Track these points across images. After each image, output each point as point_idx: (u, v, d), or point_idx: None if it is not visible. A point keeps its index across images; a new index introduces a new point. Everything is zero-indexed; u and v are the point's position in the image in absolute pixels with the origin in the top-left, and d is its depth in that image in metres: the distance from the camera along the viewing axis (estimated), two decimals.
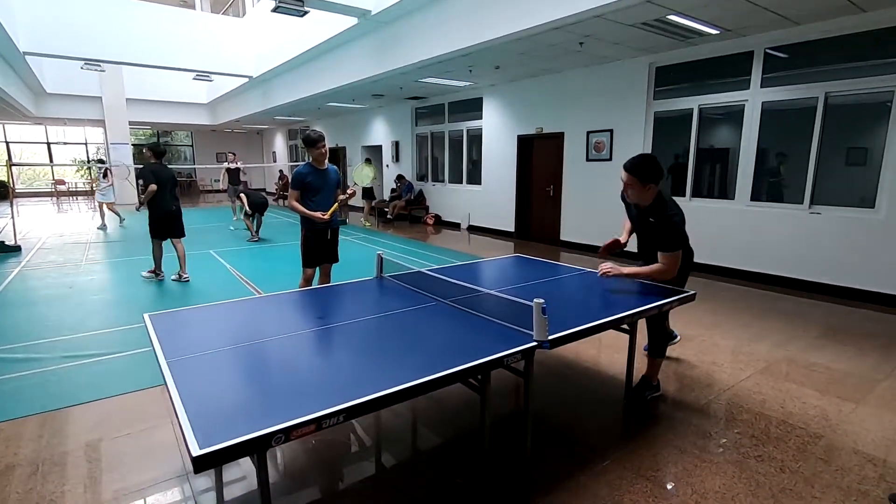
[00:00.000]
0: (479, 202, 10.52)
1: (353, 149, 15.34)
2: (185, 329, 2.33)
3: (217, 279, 6.10)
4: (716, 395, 3.10)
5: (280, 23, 9.43)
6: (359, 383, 1.72)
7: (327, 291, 3.10)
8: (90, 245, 8.70)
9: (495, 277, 3.55)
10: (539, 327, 2.05)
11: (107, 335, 4.15)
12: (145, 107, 17.18)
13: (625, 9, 4.66)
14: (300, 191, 3.98)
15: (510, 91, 9.32)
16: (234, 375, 1.83)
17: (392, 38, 7.24)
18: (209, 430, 1.37)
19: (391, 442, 2.71)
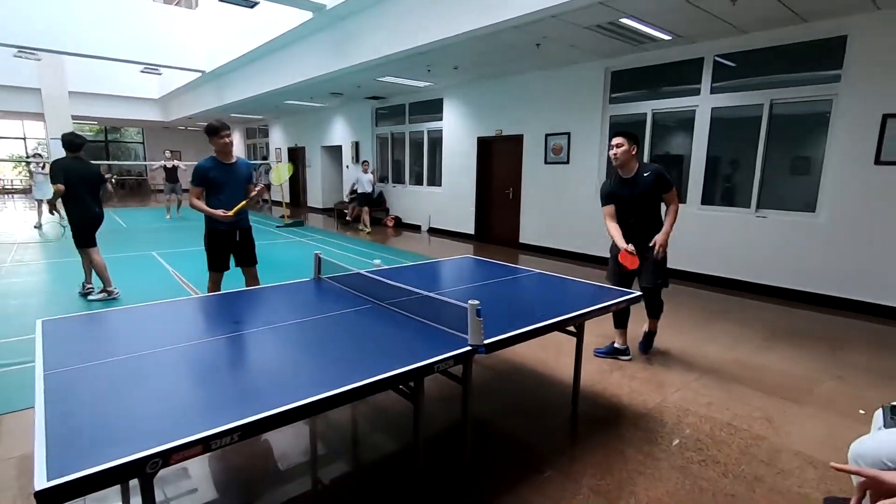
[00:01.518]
0: (439, 204, 10.40)
1: (313, 149, 14.96)
2: (81, 336, 2.08)
3: (155, 283, 5.71)
4: (664, 398, 3.06)
5: (233, 15, 9.08)
6: (269, 395, 1.53)
7: (255, 294, 2.87)
8: (19, 245, 8.06)
9: (443, 279, 3.41)
10: (474, 331, 1.92)
11: (19, 343, 3.76)
12: (90, 100, 16.24)
13: (579, 10, 4.64)
14: (203, 188, 3.60)
15: (470, 92, 9.26)
16: (127, 390, 1.60)
17: (348, 34, 7.04)
18: (72, 457, 1.16)
19: (328, 455, 2.52)
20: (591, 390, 3.15)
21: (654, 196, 3.37)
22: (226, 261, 3.77)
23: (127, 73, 14.25)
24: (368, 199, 10.76)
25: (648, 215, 3.42)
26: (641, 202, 3.37)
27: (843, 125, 5.01)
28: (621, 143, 3.28)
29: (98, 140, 22.19)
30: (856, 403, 3.04)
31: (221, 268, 3.77)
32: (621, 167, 3.36)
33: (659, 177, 3.31)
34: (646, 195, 3.34)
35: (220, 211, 3.59)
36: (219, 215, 3.57)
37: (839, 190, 5.10)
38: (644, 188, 3.32)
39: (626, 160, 3.32)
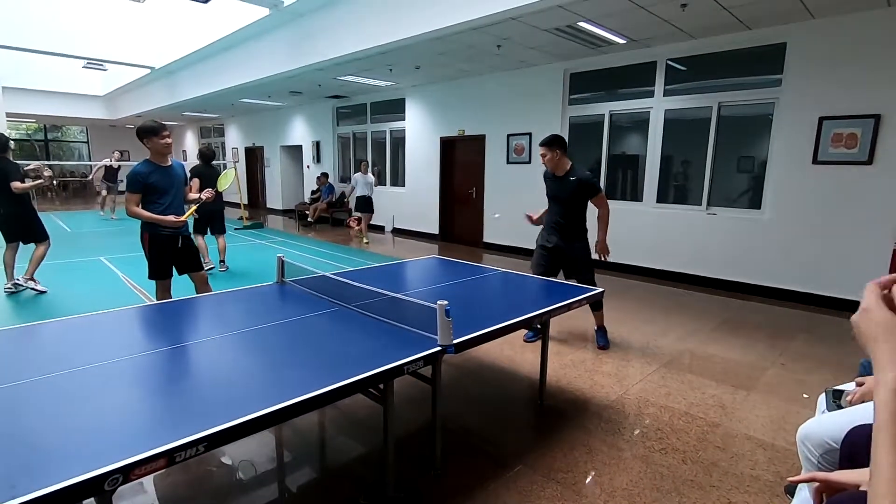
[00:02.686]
0: (403, 204, 10.36)
1: (272, 149, 14.59)
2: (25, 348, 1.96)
3: (105, 290, 5.43)
4: (625, 391, 3.17)
5: (185, 10, 8.71)
6: (233, 403, 1.49)
7: (215, 300, 2.79)
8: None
9: (409, 280, 3.41)
10: (443, 331, 1.93)
11: None
12: (26, 97, 15.20)
13: (538, 13, 4.73)
14: (141, 194, 3.36)
15: (432, 92, 9.27)
16: (80, 404, 1.52)
17: (307, 32, 6.90)
18: (22, 478, 1.09)
19: (298, 459, 2.47)
20: (557, 385, 3.23)
21: (578, 199, 3.71)
22: (170, 268, 3.59)
23: (68, 67, 13.45)
24: (368, 204, 9.31)
25: (573, 215, 3.75)
26: (566, 201, 3.72)
27: (784, 127, 5.33)
28: (544, 153, 3.65)
29: (37, 139, 20.85)
30: (799, 388, 3.24)
31: (166, 275, 3.59)
32: (553, 169, 3.73)
33: (581, 183, 3.64)
34: (569, 197, 3.69)
35: (170, 217, 3.39)
36: (170, 221, 3.38)
37: (781, 188, 5.42)
38: (568, 190, 3.67)
39: (554, 164, 3.69)
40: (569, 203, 3.71)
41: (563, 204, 3.73)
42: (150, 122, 3.38)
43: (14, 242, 5.00)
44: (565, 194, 3.69)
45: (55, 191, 19.54)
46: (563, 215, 3.75)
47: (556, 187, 3.74)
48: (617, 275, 6.55)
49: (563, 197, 3.71)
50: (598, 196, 3.70)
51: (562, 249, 3.76)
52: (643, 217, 6.57)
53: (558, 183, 3.72)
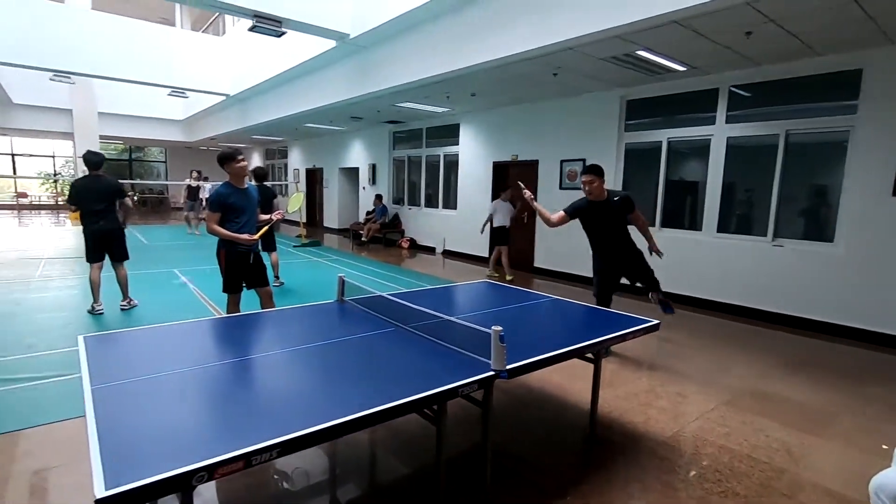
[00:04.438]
0: (454, 227, 10.51)
1: (331, 171, 15.27)
2: (121, 352, 2.18)
3: (178, 301, 5.85)
4: (681, 428, 3.06)
5: (259, 42, 9.42)
6: (302, 414, 1.61)
7: (281, 315, 2.97)
8: (46, 261, 8.31)
9: (461, 303, 3.48)
10: (497, 356, 1.97)
11: (52, 357, 3.89)
12: (117, 121, 16.84)
13: (596, 42, 4.78)
14: (220, 213, 3.64)
15: (487, 118, 9.45)
16: (167, 406, 1.69)
17: (370, 62, 7.29)
18: (124, 467, 1.24)
19: (349, 473, 2.56)
20: (609, 416, 3.16)
21: (621, 216, 4.07)
22: (241, 282, 3.85)
23: (154, 95, 14.79)
24: (506, 235, 7.81)
25: (622, 231, 4.13)
26: (613, 222, 4.06)
27: (861, 157, 5.04)
28: (592, 179, 3.95)
29: (122, 159, 22.88)
30: (877, 438, 3.00)
31: (237, 289, 3.85)
32: (594, 196, 4.01)
33: (623, 200, 4.03)
34: (615, 216, 4.05)
35: (245, 235, 3.67)
36: (244, 239, 3.65)
37: (857, 221, 5.09)
38: (614, 210, 4.03)
39: (599, 191, 4.00)
40: (615, 222, 4.05)
41: (612, 224, 4.06)
42: (228, 149, 3.69)
43: (100, 261, 5.12)
44: (612, 215, 4.03)
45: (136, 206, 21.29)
46: (614, 235, 4.11)
47: (602, 211, 4.03)
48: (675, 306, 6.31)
49: (611, 218, 4.03)
50: (635, 209, 4.09)
51: (622, 264, 4.18)
52: (702, 246, 6.34)
53: (602, 207, 4.02)
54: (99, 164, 5.04)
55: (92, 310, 5.10)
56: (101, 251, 5.10)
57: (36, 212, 19.54)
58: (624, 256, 4.17)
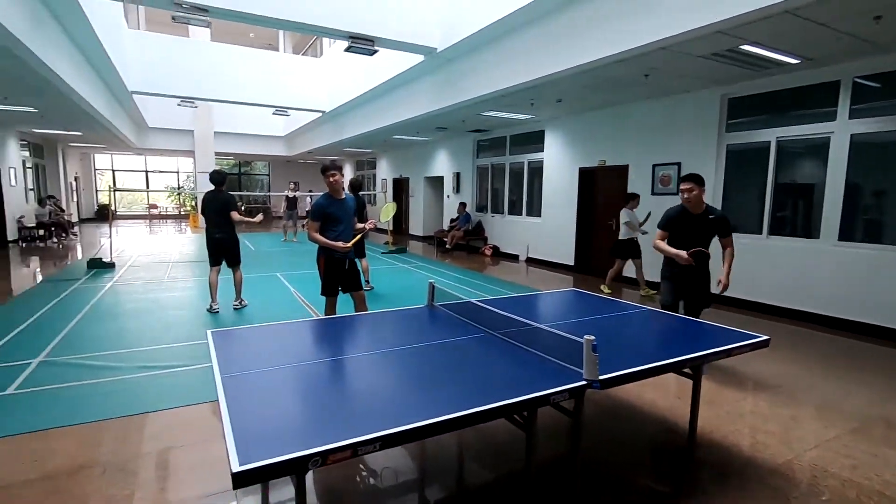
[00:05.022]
0: (538, 234, 10.39)
1: (416, 180, 15.78)
2: (241, 347, 2.44)
3: (280, 301, 6.38)
4: (796, 455, 2.78)
5: (352, 61, 10.05)
6: (400, 411, 1.71)
7: (376, 318, 3.14)
8: (172, 264, 9.45)
9: (549, 311, 3.45)
10: (589, 366, 1.95)
11: (178, 349, 4.43)
12: (230, 139, 18.72)
13: (694, 40, 4.53)
14: (320, 222, 3.93)
15: (572, 123, 9.26)
16: (280, 395, 1.88)
17: (456, 74, 7.48)
18: (251, 447, 1.40)
19: (436, 474, 2.64)
20: (710, 437, 2.96)
21: (711, 235, 3.81)
22: (338, 286, 4.12)
23: (260, 114, 16.29)
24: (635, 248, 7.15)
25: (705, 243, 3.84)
26: (702, 238, 3.78)
27: None
28: (692, 187, 3.71)
29: (233, 173, 25.35)
30: None
31: (334, 292, 4.12)
32: (692, 206, 3.76)
33: (721, 220, 3.77)
34: (706, 234, 3.79)
35: (340, 242, 3.93)
36: (340, 247, 3.92)
37: None
38: (707, 227, 3.76)
39: (697, 201, 3.74)
40: (703, 239, 3.78)
41: (699, 241, 3.76)
42: (326, 162, 4.00)
43: (217, 266, 5.72)
44: (703, 231, 3.77)
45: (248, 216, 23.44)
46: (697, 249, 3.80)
47: (694, 224, 3.78)
48: (785, 321, 5.75)
49: (701, 233, 3.77)
50: (730, 234, 3.80)
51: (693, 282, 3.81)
52: (820, 256, 5.70)
53: (696, 220, 3.77)
54: (219, 182, 5.70)
55: (210, 308, 5.72)
56: (218, 257, 5.72)
57: (163, 221, 22.24)
58: (695, 276, 3.78)
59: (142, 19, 14.95)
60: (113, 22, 8.26)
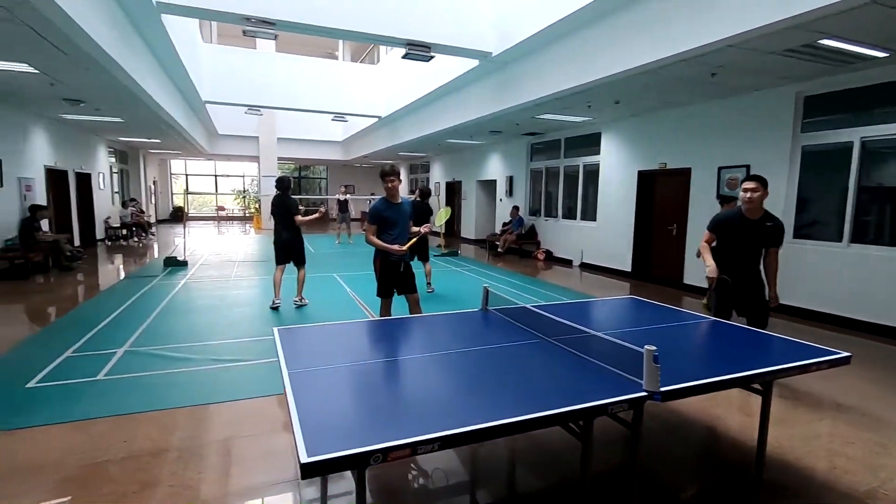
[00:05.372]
0: (593, 239, 10.14)
1: (469, 184, 15.84)
2: (304, 344, 2.57)
3: (337, 301, 6.60)
4: (881, 483, 2.56)
5: (408, 67, 10.25)
6: (456, 414, 1.74)
7: (432, 320, 3.19)
8: (238, 263, 10.01)
9: (606, 319, 3.37)
10: (650, 377, 1.89)
11: (244, 344, 4.69)
12: (291, 145, 19.59)
13: (767, 36, 4.28)
14: (377, 225, 4.03)
15: (631, 125, 8.99)
16: (342, 392, 1.96)
17: (511, 77, 7.46)
18: (317, 440, 1.47)
19: (487, 478, 2.65)
20: (780, 458, 2.78)
21: (764, 244, 3.58)
22: (393, 288, 4.20)
23: (320, 121, 16.95)
24: None
25: (755, 258, 3.63)
26: (755, 246, 3.58)
27: None
28: (757, 187, 3.46)
29: (293, 176, 26.49)
30: None
31: (390, 294, 4.21)
32: (751, 209, 3.51)
33: (778, 229, 3.53)
34: (759, 241, 3.56)
35: (395, 245, 4.02)
36: (395, 250, 4.00)
37: None
38: (762, 234, 3.53)
39: (758, 205, 3.49)
40: (756, 247, 3.59)
41: (751, 248, 3.59)
42: (385, 167, 4.08)
43: (283, 264, 6.09)
44: (757, 238, 3.55)
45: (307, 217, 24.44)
46: (747, 260, 3.64)
47: (748, 230, 3.55)
48: (867, 337, 5.29)
49: (754, 241, 3.57)
50: (780, 245, 3.59)
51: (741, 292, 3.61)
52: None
53: (750, 226, 3.54)
54: (283, 188, 6.09)
55: (272, 304, 6.03)
56: (284, 256, 6.10)
57: (229, 222, 23.57)
58: (746, 285, 3.60)
59: (214, 33, 15.97)
60: (189, 37, 8.89)
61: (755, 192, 3.45)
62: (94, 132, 12.74)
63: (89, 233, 12.56)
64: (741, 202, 3.60)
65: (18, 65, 5.89)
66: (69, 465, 2.57)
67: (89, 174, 12.65)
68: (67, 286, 7.71)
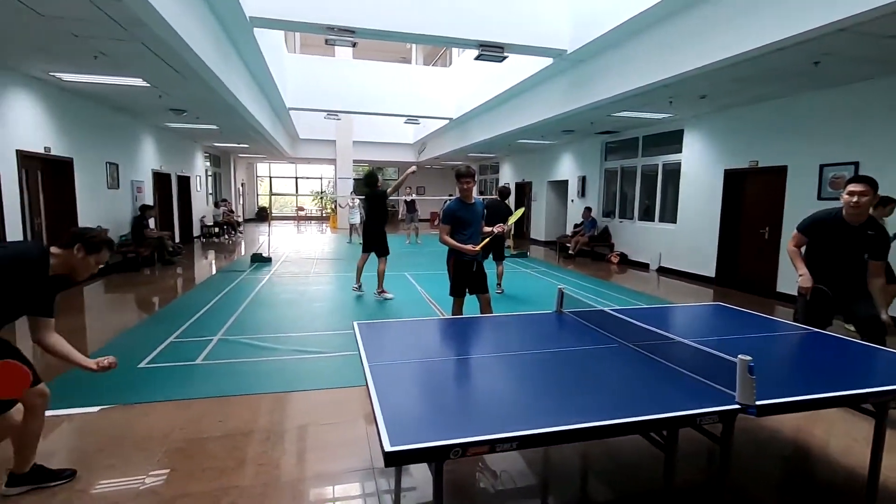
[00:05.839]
0: (672, 242, 9.61)
1: (539, 184, 15.59)
2: (382, 338, 2.67)
3: (409, 299, 6.77)
4: None
5: (480, 68, 10.28)
6: (532, 414, 1.73)
7: (505, 321, 3.19)
8: (316, 261, 10.55)
9: (690, 325, 3.19)
10: (744, 389, 1.77)
11: (323, 336, 4.95)
12: (366, 147, 20.32)
13: (884, 17, 3.84)
14: (451, 225, 4.08)
15: (717, 121, 8.41)
16: (418, 386, 2.01)
17: (586, 75, 7.26)
18: (398, 431, 1.53)
19: (559, 482, 2.61)
20: None
21: (863, 254, 3.24)
22: (465, 288, 4.24)
23: (393, 124, 17.44)
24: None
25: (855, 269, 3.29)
26: (851, 255, 3.25)
27: None
28: (866, 191, 3.11)
29: None
30: None
31: (462, 293, 4.25)
32: (855, 215, 3.17)
33: (884, 239, 3.22)
34: (859, 250, 3.23)
35: (469, 245, 4.04)
36: (468, 250, 4.03)
37: None
38: (862, 243, 3.20)
39: (864, 210, 3.17)
40: (856, 257, 3.26)
41: (850, 258, 3.26)
42: (461, 169, 4.12)
43: (367, 253, 6.76)
44: (855, 246, 3.22)
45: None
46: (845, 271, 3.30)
47: (846, 236, 3.23)
48: None
49: (851, 249, 3.24)
50: (885, 259, 3.24)
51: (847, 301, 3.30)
52: None
53: (850, 232, 3.21)
54: (371, 182, 6.72)
55: (355, 288, 6.81)
56: (368, 245, 6.73)
57: (308, 222, 24.90)
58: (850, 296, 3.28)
59: (297, 43, 16.95)
60: (276, 48, 9.51)
61: (864, 195, 3.10)
62: (192, 139, 13.99)
63: (187, 230, 13.81)
64: (844, 205, 3.24)
65: (134, 79, 6.60)
66: (175, 438, 2.85)
67: (188, 177, 13.91)
68: (169, 278, 8.53)
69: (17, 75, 6.23)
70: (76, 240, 2.20)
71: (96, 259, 2.26)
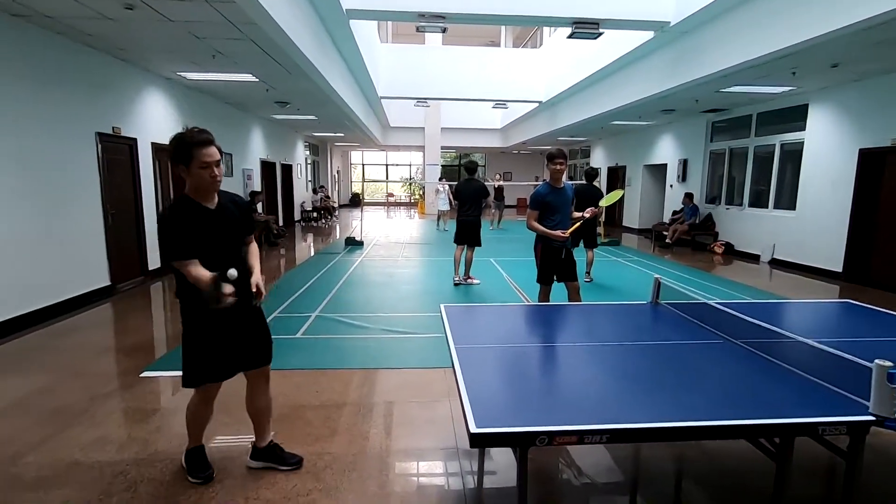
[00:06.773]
0: (790, 231, 8.60)
1: (634, 168, 14.71)
2: (468, 322, 2.68)
3: (494, 284, 6.76)
4: None
5: (572, 48, 9.84)
6: (624, 408, 1.65)
7: (596, 309, 3.07)
8: (406, 245, 10.89)
9: (810, 324, 2.85)
10: (882, 398, 1.54)
11: (411, 318, 5.11)
12: (453, 133, 20.46)
13: None
14: (539, 211, 3.95)
15: (851, 94, 7.32)
16: (504, 371, 2.00)
17: (693, 47, 6.65)
18: (483, 414, 1.53)
19: (649, 482, 2.47)
20: None
21: None
22: (553, 275, 4.11)
23: (480, 109, 17.34)
24: None
25: None
26: None
27: None
28: None
29: (453, 165, 27.71)
30: None
31: (550, 281, 4.13)
32: None
33: None
34: None
35: (558, 231, 3.91)
36: (558, 236, 3.89)
37: None
38: None
39: None
40: None
41: None
42: (552, 150, 3.99)
43: (462, 245, 6.55)
44: None
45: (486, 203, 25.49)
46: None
47: None
48: None
49: None
50: None
51: None
52: None
53: None
54: (472, 171, 6.65)
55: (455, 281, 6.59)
56: (462, 237, 6.56)
57: (397, 208, 25.75)
58: None
59: (389, 33, 17.39)
60: (369, 39, 9.83)
61: None
62: (294, 129, 15.00)
63: (289, 215, 14.92)
64: None
65: (245, 75, 7.19)
66: (277, 405, 3.09)
67: (290, 165, 14.97)
68: (273, 259, 9.28)
69: (153, 76, 7.06)
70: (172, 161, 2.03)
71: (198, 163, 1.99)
